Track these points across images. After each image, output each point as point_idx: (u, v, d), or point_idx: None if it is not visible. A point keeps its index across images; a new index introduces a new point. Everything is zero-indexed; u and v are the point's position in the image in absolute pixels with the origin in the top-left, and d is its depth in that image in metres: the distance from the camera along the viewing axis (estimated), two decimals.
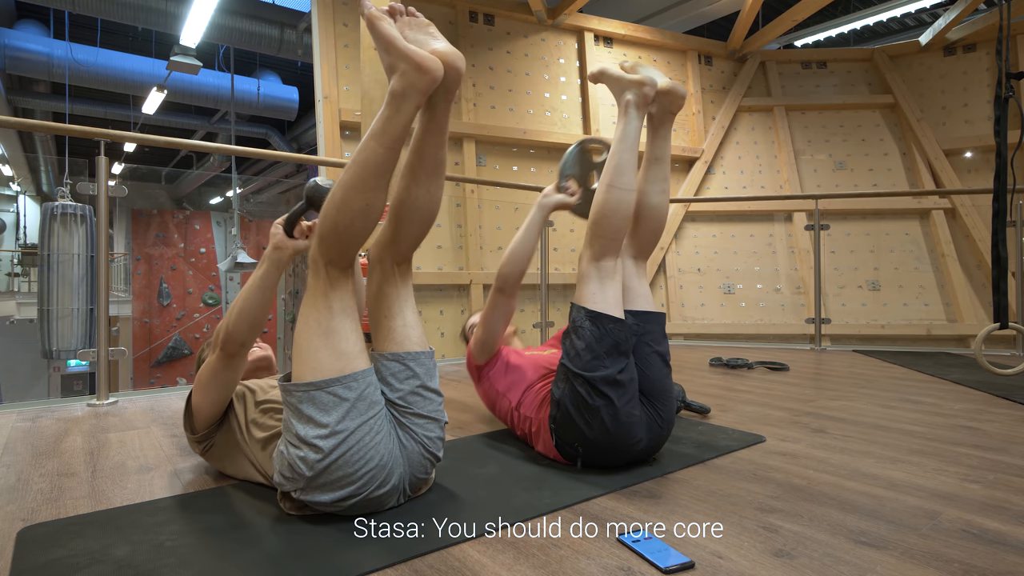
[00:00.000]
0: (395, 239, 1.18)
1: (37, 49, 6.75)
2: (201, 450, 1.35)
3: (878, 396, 2.25)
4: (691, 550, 0.95)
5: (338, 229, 1.06)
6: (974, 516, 1.09)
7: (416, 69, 1.01)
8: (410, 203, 1.15)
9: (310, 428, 1.02)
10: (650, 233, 1.50)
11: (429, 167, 1.14)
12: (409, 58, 1.01)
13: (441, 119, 1.11)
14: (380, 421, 1.07)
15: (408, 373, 1.14)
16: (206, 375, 1.25)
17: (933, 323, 4.71)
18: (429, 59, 1.02)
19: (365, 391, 1.06)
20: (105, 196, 2.26)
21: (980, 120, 5.01)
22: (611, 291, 1.37)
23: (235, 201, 8.94)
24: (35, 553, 0.97)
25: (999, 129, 2.39)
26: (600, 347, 1.30)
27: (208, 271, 10.99)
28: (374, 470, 1.05)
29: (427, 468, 1.17)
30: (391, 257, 1.19)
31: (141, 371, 10.26)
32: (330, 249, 1.07)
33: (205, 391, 1.25)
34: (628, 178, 1.39)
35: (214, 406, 1.27)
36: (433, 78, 1.02)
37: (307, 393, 1.03)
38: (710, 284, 5.09)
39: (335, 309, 1.07)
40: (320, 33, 4.09)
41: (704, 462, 1.43)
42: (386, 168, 1.05)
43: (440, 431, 1.17)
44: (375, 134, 1.04)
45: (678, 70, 5.49)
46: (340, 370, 1.04)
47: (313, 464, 1.01)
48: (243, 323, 1.22)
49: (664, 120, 1.49)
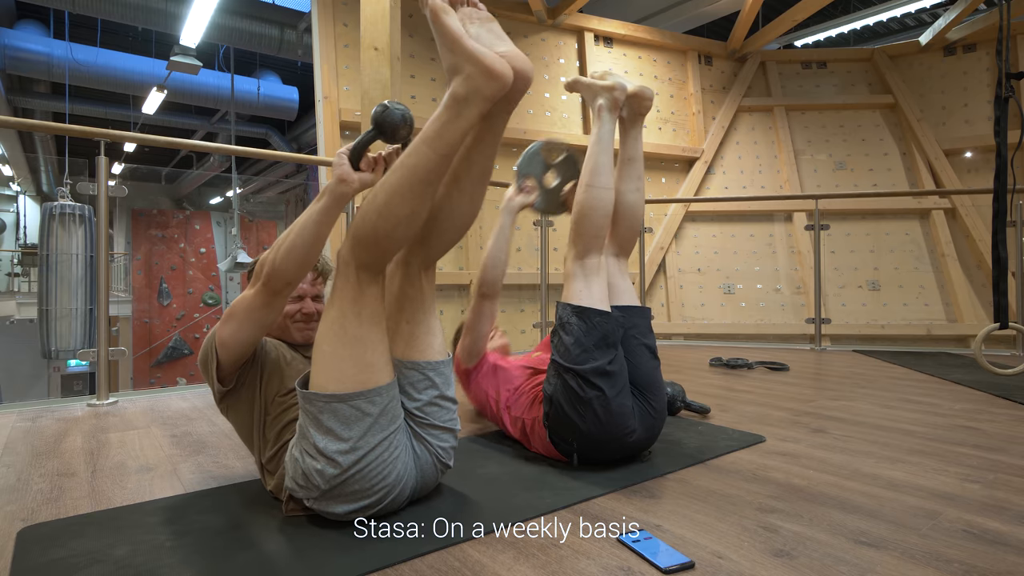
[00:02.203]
0: (427, 243, 1.13)
1: (37, 49, 6.75)
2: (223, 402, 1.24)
3: (878, 396, 2.25)
4: (691, 550, 0.95)
5: (378, 235, 1.01)
6: (974, 516, 1.09)
7: (484, 74, 0.95)
8: (450, 209, 1.11)
9: (330, 441, 0.99)
10: (628, 231, 1.57)
11: (476, 175, 1.10)
12: (479, 61, 0.95)
13: (498, 129, 1.06)
14: (400, 436, 1.05)
15: (428, 383, 1.11)
16: (241, 309, 1.13)
17: (933, 323, 4.71)
18: (499, 64, 0.96)
19: (388, 405, 1.03)
20: (105, 196, 2.26)
21: (980, 120, 5.00)
22: (596, 287, 1.41)
23: (235, 201, 8.94)
24: (35, 553, 0.97)
25: (999, 129, 2.39)
26: (588, 340, 1.33)
27: (208, 271, 10.99)
28: (390, 485, 1.04)
29: (437, 477, 1.16)
30: (419, 260, 1.14)
31: (141, 371, 10.26)
32: (365, 253, 1.02)
33: (239, 325, 1.13)
34: (605, 177, 1.46)
35: (242, 345, 1.15)
36: (502, 85, 0.96)
37: (329, 405, 1.00)
38: (710, 284, 5.09)
39: (363, 317, 1.02)
40: (320, 33, 4.09)
41: (704, 462, 1.43)
42: (437, 176, 1.00)
43: (453, 440, 1.16)
44: (428, 139, 0.98)
45: (678, 70, 5.49)
46: (364, 383, 1.00)
47: (330, 478, 0.99)
48: (292, 260, 1.09)
49: (635, 121, 1.58)
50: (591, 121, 1.54)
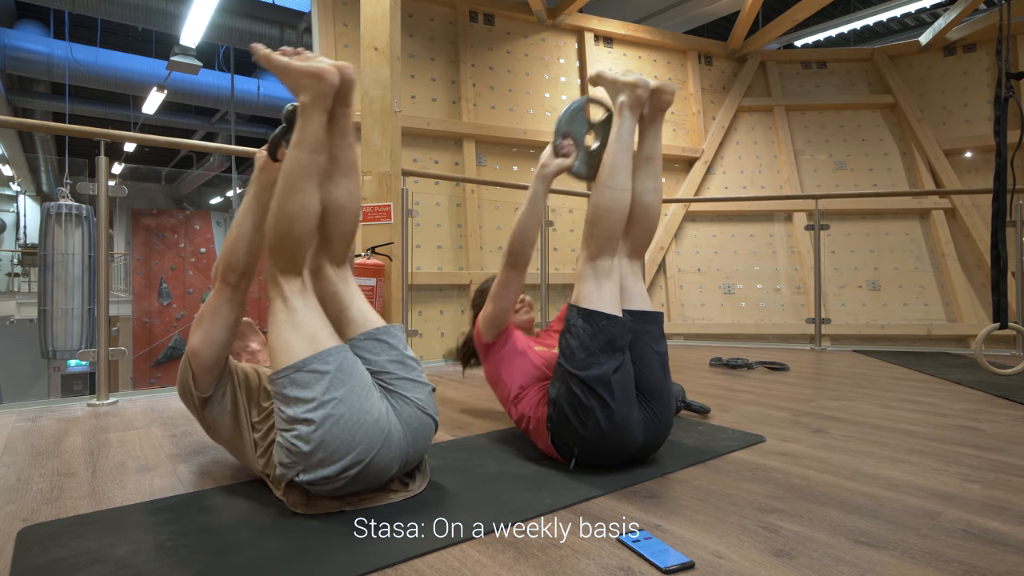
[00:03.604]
0: (328, 243, 1.24)
1: (37, 49, 6.74)
2: (203, 421, 1.30)
3: (878, 396, 2.25)
4: (691, 550, 0.95)
5: (280, 236, 1.14)
6: (974, 516, 1.09)
7: (314, 77, 1.13)
8: (334, 204, 1.23)
9: (298, 407, 1.05)
10: (644, 232, 1.52)
11: (344, 167, 1.24)
12: (307, 71, 1.13)
13: (343, 123, 1.22)
14: (366, 386, 1.10)
15: (383, 346, 1.18)
16: (207, 311, 1.24)
17: (933, 323, 4.71)
18: (324, 66, 1.14)
19: (343, 363, 1.09)
20: (105, 196, 2.26)
21: (980, 120, 5.01)
22: (607, 290, 1.38)
23: (235, 201, 8.95)
24: (35, 553, 0.97)
25: (999, 129, 2.39)
26: (594, 344, 1.31)
27: (208, 271, 10.99)
28: (371, 432, 1.06)
29: (428, 429, 1.18)
30: (328, 262, 1.25)
31: (141, 371, 10.26)
32: (278, 257, 1.15)
33: (208, 328, 1.23)
34: (623, 178, 1.42)
35: (212, 348, 1.23)
36: (331, 81, 1.13)
37: (288, 377, 1.07)
38: (710, 284, 5.09)
39: (297, 307, 1.14)
40: (320, 33, 4.09)
41: (704, 462, 1.42)
42: (311, 171, 1.14)
43: (429, 395, 1.20)
44: (294, 144, 1.14)
45: (678, 70, 5.49)
46: (314, 349, 1.09)
47: (309, 436, 1.03)
48: (239, 249, 1.25)
49: (655, 118, 1.52)
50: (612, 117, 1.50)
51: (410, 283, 3.52)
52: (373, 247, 2.86)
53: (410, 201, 3.09)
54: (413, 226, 4.14)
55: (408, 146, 4.27)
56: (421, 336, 4.12)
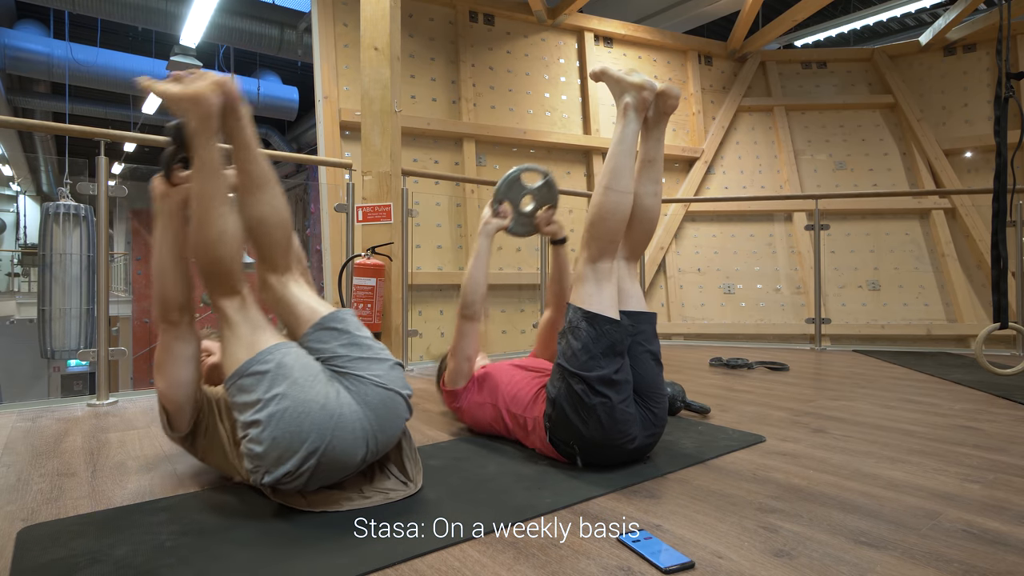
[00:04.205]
0: (265, 256, 1.23)
1: (37, 49, 6.74)
2: (194, 454, 1.32)
3: (878, 396, 2.25)
4: (691, 550, 0.95)
5: (207, 264, 1.15)
6: (974, 516, 1.09)
7: (192, 102, 1.12)
8: (254, 219, 1.20)
9: (247, 412, 1.06)
10: (642, 235, 1.52)
11: (257, 180, 1.20)
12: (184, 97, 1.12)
13: (241, 137, 1.20)
14: (310, 376, 1.09)
15: (332, 333, 1.17)
16: (161, 353, 1.23)
17: (933, 323, 4.71)
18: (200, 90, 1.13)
19: (283, 359, 1.10)
20: (105, 196, 2.26)
21: (980, 120, 5.00)
22: (607, 292, 1.38)
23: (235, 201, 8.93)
24: (35, 553, 0.97)
25: (999, 129, 2.39)
26: (597, 347, 1.31)
27: None
28: (319, 419, 1.05)
29: (395, 404, 1.15)
30: (269, 273, 1.23)
31: (141, 371, 10.26)
32: (213, 284, 1.16)
33: (168, 369, 1.22)
34: (625, 181, 1.41)
35: (178, 387, 1.23)
36: (211, 102, 1.13)
37: (234, 385, 1.09)
38: (710, 284, 5.09)
39: (238, 322, 1.15)
40: (320, 33, 4.09)
41: (704, 462, 1.43)
42: (218, 195, 1.14)
43: (392, 370, 1.18)
44: (195, 172, 1.15)
45: (678, 70, 5.49)
46: (252, 353, 1.10)
47: (259, 437, 1.04)
48: (167, 285, 1.23)
49: (659, 122, 1.50)
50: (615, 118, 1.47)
51: (410, 283, 3.52)
52: (373, 247, 2.86)
53: (410, 201, 3.09)
54: (413, 226, 4.15)
55: (408, 146, 4.27)
56: (421, 336, 4.12)
